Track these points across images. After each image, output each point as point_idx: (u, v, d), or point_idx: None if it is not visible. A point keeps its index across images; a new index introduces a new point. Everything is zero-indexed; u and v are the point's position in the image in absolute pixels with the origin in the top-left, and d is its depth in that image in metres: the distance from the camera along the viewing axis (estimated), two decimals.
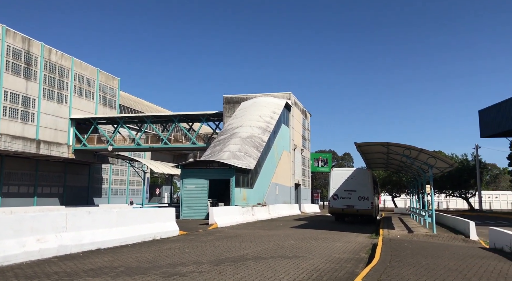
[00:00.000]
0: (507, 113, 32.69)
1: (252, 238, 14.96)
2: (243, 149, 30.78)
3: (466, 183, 52.81)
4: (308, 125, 54.31)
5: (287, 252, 11.47)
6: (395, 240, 13.83)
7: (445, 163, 18.72)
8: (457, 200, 64.38)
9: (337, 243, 13.82)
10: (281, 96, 43.24)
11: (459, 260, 9.80)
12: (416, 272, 8.12)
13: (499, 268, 8.75)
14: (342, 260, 10.24)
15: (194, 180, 27.17)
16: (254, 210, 26.39)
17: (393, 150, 18.98)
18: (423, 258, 9.90)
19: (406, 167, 25.03)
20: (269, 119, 37.11)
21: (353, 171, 25.35)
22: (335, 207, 24.51)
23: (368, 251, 12.20)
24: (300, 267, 9.06)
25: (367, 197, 23.83)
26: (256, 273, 8.34)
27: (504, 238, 12.11)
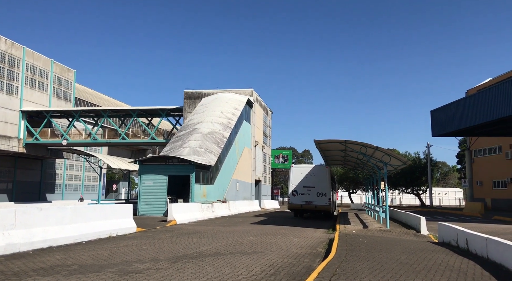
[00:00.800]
0: (457, 113, 34.41)
1: (211, 235, 14.91)
2: (204, 145, 30.56)
3: (418, 180, 55.18)
4: (269, 122, 54.70)
5: (246, 248, 11.52)
6: (350, 235, 14.24)
7: (399, 161, 19.45)
8: (409, 196, 67.15)
9: (296, 239, 14.04)
10: (243, 92, 43.26)
11: (410, 254, 10.23)
12: (369, 266, 8.40)
13: (446, 261, 9.22)
14: (300, 255, 10.41)
15: (152, 176, 26.67)
16: (214, 207, 26.30)
17: (350, 147, 19.49)
18: (376, 253, 10.26)
19: (362, 164, 25.80)
20: (230, 115, 37.03)
21: (312, 168, 25.78)
22: (294, 203, 24.85)
23: (325, 246, 12.48)
24: (259, 263, 9.14)
25: (325, 193, 24.32)
26: (215, 269, 8.32)
27: (451, 232, 12.76)
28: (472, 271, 8.11)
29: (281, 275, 7.95)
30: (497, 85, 30.52)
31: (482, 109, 30.92)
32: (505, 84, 28.98)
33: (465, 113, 33.37)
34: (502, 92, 28.67)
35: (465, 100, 34.73)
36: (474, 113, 31.97)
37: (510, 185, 39.92)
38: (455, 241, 12.16)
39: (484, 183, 43.73)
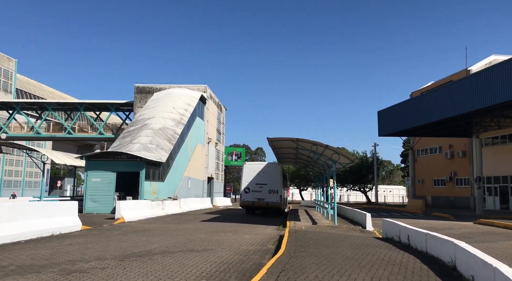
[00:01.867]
0: (401, 114, 36.11)
1: (161, 232, 14.64)
2: (155, 141, 29.90)
3: (365, 178, 57.38)
4: (223, 119, 54.52)
5: (196, 245, 11.42)
6: (300, 232, 14.53)
7: (347, 159, 20.11)
8: (357, 194, 69.66)
9: (246, 236, 14.11)
10: (197, 88, 42.77)
11: (355, 249, 10.61)
12: (317, 261, 8.62)
13: (389, 256, 9.66)
14: (250, 252, 10.48)
15: (100, 172, 25.73)
16: (164, 204, 25.83)
17: (302, 145, 19.88)
18: (324, 248, 10.54)
19: (313, 162, 26.42)
20: (183, 111, 36.50)
21: (265, 165, 26.01)
22: (246, 200, 24.96)
23: (275, 242, 12.65)
24: (209, 260, 9.09)
25: (276, 190, 24.64)
26: (163, 267, 8.18)
27: (394, 228, 13.38)
28: (412, 264, 8.55)
29: (231, 272, 7.96)
30: (438, 89, 32.36)
31: (424, 111, 32.64)
32: (445, 87, 30.79)
33: (409, 114, 35.08)
34: (442, 95, 30.43)
35: (409, 102, 36.52)
36: (417, 114, 33.69)
37: (448, 184, 42.49)
38: (398, 237, 12.76)
39: (425, 181, 46.23)
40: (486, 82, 25.60)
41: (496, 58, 36.62)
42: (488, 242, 13.24)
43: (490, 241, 13.39)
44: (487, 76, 25.67)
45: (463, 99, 27.84)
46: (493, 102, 25.02)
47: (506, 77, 23.71)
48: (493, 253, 10.51)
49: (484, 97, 25.66)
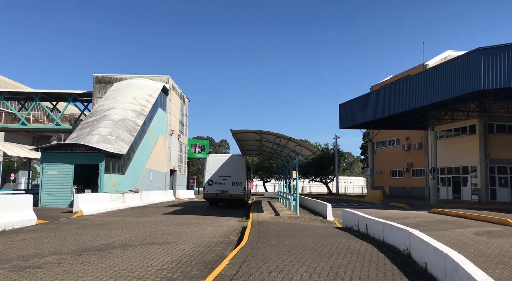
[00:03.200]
0: (362, 108, 37.08)
1: (121, 226, 14.33)
2: (115, 132, 29.12)
3: (326, 169, 58.60)
4: (186, 111, 53.82)
5: (157, 238, 11.28)
6: (263, 223, 14.67)
7: (310, 151, 20.46)
8: (318, 185, 71.00)
9: (209, 228, 14.08)
10: (159, 79, 41.94)
11: (316, 239, 10.84)
12: (279, 251, 8.74)
13: (348, 245, 9.94)
14: (213, 244, 10.47)
15: (57, 164, 24.78)
16: (125, 197, 25.29)
17: (265, 138, 19.99)
18: (286, 238, 10.70)
19: (276, 154, 26.67)
20: (144, 102, 35.71)
21: (229, 157, 25.98)
22: (209, 193, 24.88)
23: (238, 234, 12.70)
24: (170, 253, 9.00)
25: (240, 182, 24.70)
26: (123, 261, 8.02)
27: (353, 218, 13.77)
28: (369, 253, 8.84)
29: (193, 264, 7.93)
30: (396, 83, 33.43)
31: (383, 104, 33.66)
32: (403, 82, 31.85)
33: (368, 107, 36.07)
34: (401, 89, 31.47)
35: (369, 95, 37.52)
36: (377, 107, 34.70)
37: (405, 174, 44.17)
38: (357, 226, 13.15)
39: (383, 173, 47.84)
40: (441, 77, 26.68)
41: (451, 54, 38.20)
42: (440, 230, 13.90)
43: (442, 229, 14.06)
44: (442, 71, 26.76)
45: (420, 93, 28.91)
46: (447, 96, 26.14)
47: (460, 72, 24.81)
48: (444, 240, 11.05)
49: (439, 91, 26.76)
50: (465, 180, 35.19)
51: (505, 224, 15.37)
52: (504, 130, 34.09)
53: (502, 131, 34.05)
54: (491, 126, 33.79)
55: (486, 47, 23.12)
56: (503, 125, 34.02)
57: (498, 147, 33.32)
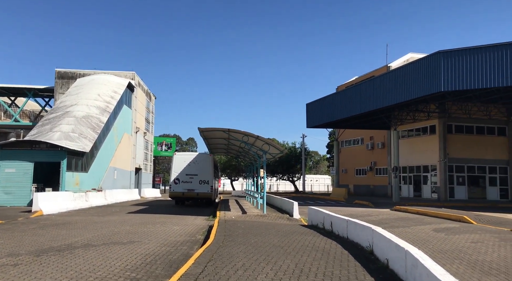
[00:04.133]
0: (328, 107, 37.74)
1: (83, 225, 13.91)
2: (78, 129, 28.23)
3: (293, 167, 59.24)
4: (152, 108, 52.90)
5: (121, 238, 11.03)
6: (230, 221, 14.65)
7: (277, 150, 20.61)
8: (286, 183, 71.67)
9: (175, 227, 13.92)
10: (124, 75, 40.98)
11: (282, 236, 10.94)
12: (245, 249, 8.75)
13: (313, 242, 10.09)
14: (178, 243, 10.36)
15: (15, 162, 23.75)
16: (88, 196, 24.58)
17: (233, 136, 19.96)
18: (252, 237, 10.73)
19: (244, 152, 26.70)
20: (109, 99, 34.81)
21: (196, 155, 25.77)
22: (175, 191, 24.60)
23: (204, 232, 12.63)
24: (135, 252, 8.83)
25: (207, 181, 24.55)
26: (85, 261, 7.79)
27: (319, 216, 14.00)
28: (334, 250, 9.01)
29: (157, 263, 7.81)
30: (361, 83, 34.23)
31: (348, 104, 34.37)
32: (368, 82, 32.65)
33: (334, 107, 36.74)
34: (365, 90, 32.25)
35: (335, 95, 38.22)
36: (342, 107, 35.40)
37: (369, 173, 45.32)
38: (322, 224, 13.37)
39: (348, 171, 48.88)
40: (403, 78, 27.53)
41: (413, 56, 39.48)
42: (402, 227, 14.35)
43: (404, 226, 14.53)
44: (404, 72, 27.62)
45: (383, 94, 29.72)
46: (409, 97, 27.00)
47: (421, 74, 25.68)
48: (405, 237, 11.41)
49: (402, 92, 27.60)
50: (425, 179, 36.49)
51: (462, 221, 16.06)
52: (462, 131, 35.59)
53: (460, 131, 35.54)
54: (450, 127, 35.18)
55: (446, 50, 24.03)
56: (461, 126, 35.50)
57: (456, 147, 34.76)
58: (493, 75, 22.60)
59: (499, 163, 35.60)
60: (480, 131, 35.86)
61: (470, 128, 35.66)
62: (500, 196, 35.26)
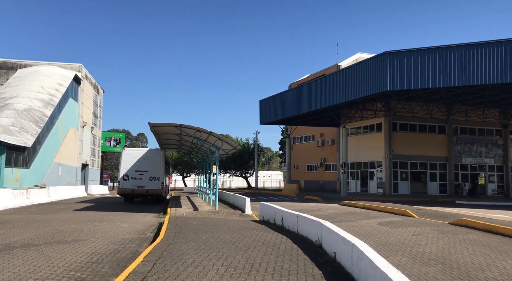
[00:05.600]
0: (280, 104, 38.25)
1: (24, 224, 13.16)
2: (19, 123, 26.63)
3: (246, 164, 59.51)
4: (100, 102, 50.95)
5: (66, 236, 10.56)
6: (181, 218, 14.46)
7: (230, 146, 20.59)
8: (238, 179, 71.84)
9: (124, 224, 13.53)
10: (70, 67, 39.13)
11: (233, 232, 10.96)
12: (196, 246, 8.68)
13: (264, 237, 10.20)
14: (127, 241, 10.08)
15: None
16: (29, 193, 23.28)
17: (185, 131, 19.68)
18: (204, 233, 10.66)
19: (197, 148, 26.42)
20: (53, 91, 33.11)
21: (146, 151, 25.22)
22: (124, 188, 23.93)
23: (154, 230, 12.38)
24: (80, 251, 8.48)
25: (158, 177, 24.09)
26: (25, 262, 7.37)
27: (270, 211, 14.17)
28: (284, 245, 9.16)
29: (104, 262, 7.56)
30: (313, 82, 35.00)
31: (300, 101, 35.03)
32: (319, 81, 33.43)
33: (287, 104, 37.30)
34: (316, 88, 33.00)
35: (288, 92, 38.83)
36: (294, 105, 36.01)
37: (319, 169, 46.52)
38: (273, 219, 13.55)
39: (299, 167, 49.89)
40: (352, 77, 28.47)
41: (362, 56, 40.92)
42: (349, 221, 14.86)
43: (351, 220, 15.05)
44: (353, 72, 28.56)
45: (333, 92, 30.56)
46: (357, 96, 27.97)
47: (369, 74, 26.67)
48: (352, 231, 11.83)
49: (351, 91, 28.53)
50: (372, 174, 38.02)
51: (405, 214, 16.91)
52: (406, 128, 37.42)
53: (404, 129, 37.35)
54: (395, 125, 36.87)
55: (392, 51, 25.11)
56: (405, 124, 37.32)
57: (400, 144, 36.51)
58: (434, 76, 23.91)
59: (439, 160, 37.82)
60: (422, 129, 37.88)
61: (413, 126, 37.57)
62: (439, 191, 37.52)
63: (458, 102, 33.44)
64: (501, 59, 22.05)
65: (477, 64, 22.66)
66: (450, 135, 38.16)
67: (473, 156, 39.17)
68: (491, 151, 39.88)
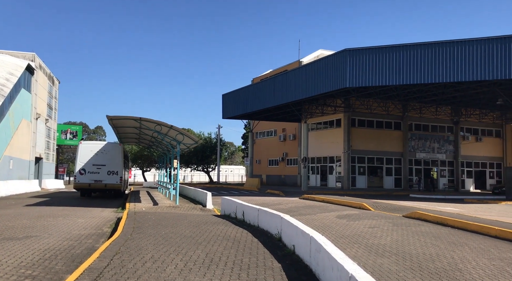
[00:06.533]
0: (243, 99, 38.25)
1: None
2: None
3: (209, 158, 59.16)
4: (55, 93, 48.84)
5: (16, 233, 10.09)
6: (140, 213, 14.19)
7: (192, 140, 20.37)
8: (200, 174, 71.33)
9: (80, 220, 13.11)
10: (22, 56, 37.19)
11: (194, 227, 10.89)
12: (155, 241, 8.55)
13: (225, 232, 10.21)
14: (83, 237, 9.78)
15: None
16: None
17: (145, 125, 19.28)
18: (163, 228, 10.52)
19: (157, 142, 25.96)
20: (4, 81, 31.38)
21: (104, 145, 24.56)
22: (81, 182, 23.19)
23: (112, 225, 12.09)
24: (31, 248, 8.14)
25: (116, 171, 23.54)
26: None
27: (232, 205, 14.19)
28: (244, 238, 9.21)
29: (58, 259, 7.30)
30: (275, 77, 35.22)
31: (263, 96, 35.18)
32: (281, 76, 33.69)
33: (250, 99, 37.35)
34: (279, 83, 33.25)
35: (251, 87, 38.87)
36: (257, 99, 36.12)
37: (281, 163, 47.01)
38: (235, 213, 13.58)
39: (261, 162, 50.21)
40: (313, 74, 28.90)
41: (323, 52, 41.60)
42: (309, 214, 15.15)
43: (310, 214, 15.34)
44: (314, 68, 29.01)
45: (295, 88, 30.92)
46: (318, 92, 28.45)
47: (329, 70, 27.17)
48: (312, 224, 12.08)
49: (312, 87, 28.97)
50: (331, 169, 38.90)
51: (362, 208, 17.44)
52: (364, 124, 38.50)
53: (362, 125, 38.43)
54: (353, 121, 37.85)
55: (352, 48, 25.69)
56: (363, 120, 38.38)
57: (358, 140, 37.55)
58: (392, 74, 24.71)
59: (395, 155, 39.24)
60: (379, 126, 39.11)
61: (371, 122, 38.72)
62: (394, 184, 38.97)
63: (413, 100, 34.76)
64: (453, 59, 23.10)
65: (432, 62, 23.62)
66: (405, 131, 39.64)
67: (426, 151, 40.93)
68: (443, 147, 41.82)
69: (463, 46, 22.93)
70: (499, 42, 22.14)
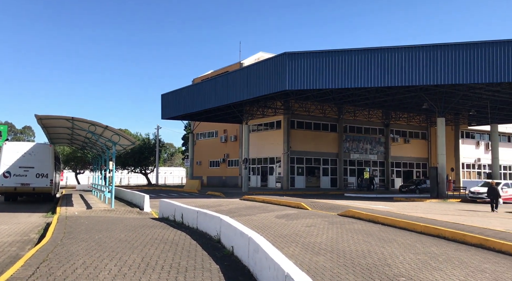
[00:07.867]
0: (183, 99, 37.69)
1: None
2: None
3: (147, 160, 57.51)
4: None
5: None
6: (71, 217, 13.48)
7: (128, 141, 19.70)
8: (138, 176, 69.10)
9: (3, 226, 12.17)
10: None
11: (130, 231, 10.53)
12: (87, 247, 8.16)
13: (162, 235, 9.98)
14: (6, 244, 9.10)
15: None
16: None
17: (78, 125, 18.35)
18: (97, 233, 10.07)
19: (91, 143, 24.78)
20: None
21: (33, 146, 23.02)
22: (6, 186, 21.55)
23: (40, 231, 11.37)
24: None
25: (46, 174, 22.18)
26: None
27: (170, 208, 13.91)
28: (182, 241, 9.07)
29: None
30: (216, 78, 35.13)
31: (204, 97, 34.92)
32: (222, 77, 33.69)
33: (190, 99, 36.89)
34: (220, 84, 33.21)
35: (191, 87, 38.41)
36: (198, 100, 35.77)
37: (222, 165, 46.92)
38: (173, 216, 13.33)
39: (202, 163, 49.77)
40: (253, 76, 29.21)
41: (263, 55, 42.19)
42: (249, 215, 15.27)
43: (250, 214, 15.47)
44: (255, 70, 29.34)
45: (236, 89, 31.04)
46: (258, 94, 28.79)
47: (269, 73, 27.61)
48: (251, 224, 12.19)
49: (252, 89, 29.25)
50: (271, 170, 39.53)
51: (300, 207, 17.90)
52: (302, 126, 39.59)
53: (301, 127, 39.49)
54: (293, 123, 38.78)
55: (291, 52, 26.30)
56: (301, 122, 39.46)
57: (297, 141, 38.54)
58: (328, 78, 25.63)
59: (331, 156, 40.77)
60: (317, 127, 40.43)
61: (309, 124, 39.92)
62: (331, 184, 40.47)
63: (348, 103, 36.32)
64: (383, 65, 24.47)
65: (364, 68, 24.84)
66: (341, 133, 41.32)
67: (359, 152, 42.96)
68: (375, 148, 44.15)
69: (392, 53, 24.37)
70: (425, 50, 23.81)
